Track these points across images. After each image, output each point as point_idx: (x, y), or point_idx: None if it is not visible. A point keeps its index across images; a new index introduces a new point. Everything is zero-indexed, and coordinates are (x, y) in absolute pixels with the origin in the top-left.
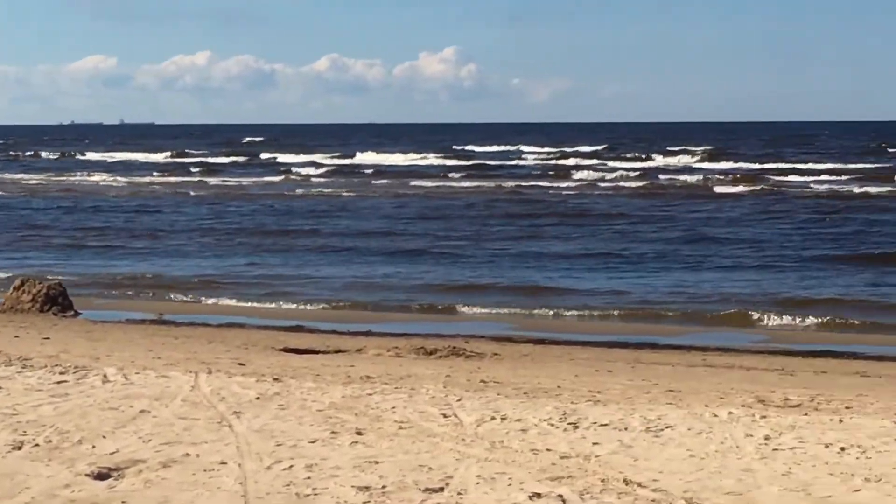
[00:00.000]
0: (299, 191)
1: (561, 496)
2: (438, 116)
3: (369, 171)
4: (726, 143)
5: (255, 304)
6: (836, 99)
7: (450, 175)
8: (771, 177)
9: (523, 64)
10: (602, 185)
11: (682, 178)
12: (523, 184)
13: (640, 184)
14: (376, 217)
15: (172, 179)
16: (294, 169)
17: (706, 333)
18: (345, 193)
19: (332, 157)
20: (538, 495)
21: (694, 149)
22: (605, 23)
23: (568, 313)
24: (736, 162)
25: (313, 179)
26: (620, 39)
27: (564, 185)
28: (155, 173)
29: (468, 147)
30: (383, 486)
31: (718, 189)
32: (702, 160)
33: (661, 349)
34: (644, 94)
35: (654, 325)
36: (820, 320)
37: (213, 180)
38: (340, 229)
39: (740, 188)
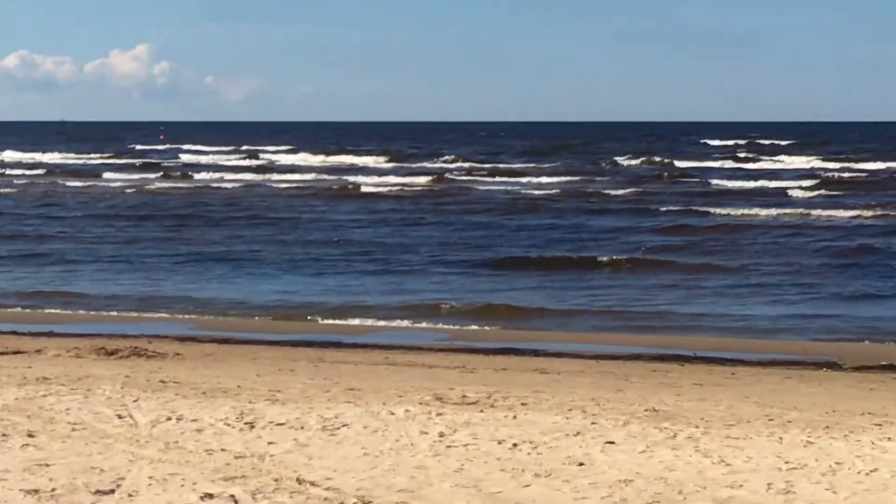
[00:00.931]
0: None
1: (233, 496)
2: (132, 114)
3: (33, 171)
4: (415, 143)
5: None
6: (531, 100)
7: (106, 175)
8: (454, 177)
9: (217, 62)
10: (276, 185)
11: (359, 179)
12: (178, 185)
13: (291, 185)
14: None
15: None
16: None
17: (390, 332)
18: None
19: None
20: (210, 496)
21: (374, 148)
22: (296, 22)
23: (199, 315)
24: (414, 162)
25: None
26: (312, 39)
27: (230, 185)
28: None
29: (139, 146)
30: (53, 489)
31: (370, 190)
32: (390, 160)
33: (346, 348)
34: (338, 93)
35: (341, 324)
36: (498, 321)
37: None
38: None
39: (415, 189)
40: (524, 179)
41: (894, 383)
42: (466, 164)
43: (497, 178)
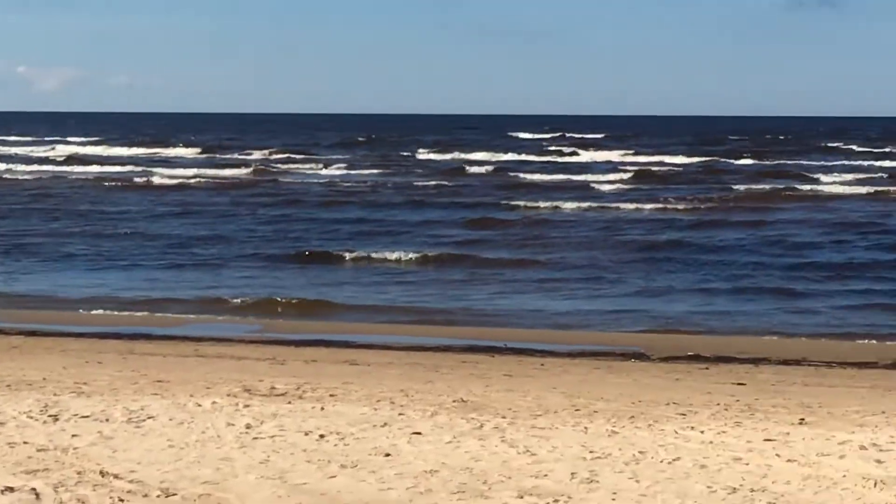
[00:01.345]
0: None
1: (34, 489)
2: None
3: None
4: (230, 134)
5: None
6: (346, 91)
7: None
8: (266, 168)
9: (29, 52)
10: (79, 177)
11: (167, 170)
12: None
13: (95, 176)
14: None
15: None
16: None
17: (201, 324)
18: None
19: None
20: (11, 489)
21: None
22: (114, 12)
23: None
24: (227, 153)
25: None
26: (130, 29)
27: (32, 177)
28: None
29: None
30: None
31: (179, 182)
32: (202, 152)
33: (156, 340)
34: (156, 84)
35: (150, 316)
36: (307, 315)
37: None
38: None
39: (226, 181)
40: (335, 172)
41: (700, 373)
42: (278, 156)
43: (309, 171)
